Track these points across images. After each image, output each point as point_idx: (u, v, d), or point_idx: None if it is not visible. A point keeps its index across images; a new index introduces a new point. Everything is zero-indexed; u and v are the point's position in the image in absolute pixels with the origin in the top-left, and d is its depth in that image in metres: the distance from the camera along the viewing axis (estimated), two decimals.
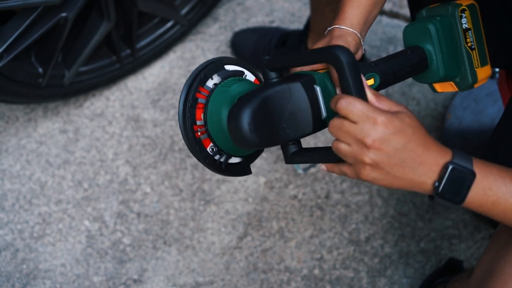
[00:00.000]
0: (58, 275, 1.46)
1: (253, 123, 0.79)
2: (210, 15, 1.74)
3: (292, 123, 0.81)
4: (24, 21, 1.31)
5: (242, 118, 0.78)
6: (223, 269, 1.46)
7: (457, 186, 0.77)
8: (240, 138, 0.80)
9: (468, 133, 1.50)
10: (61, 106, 1.63)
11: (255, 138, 0.79)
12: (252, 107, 0.79)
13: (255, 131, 0.79)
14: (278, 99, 0.81)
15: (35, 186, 1.54)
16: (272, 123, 0.80)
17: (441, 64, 0.95)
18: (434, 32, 0.94)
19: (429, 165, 0.76)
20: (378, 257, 1.47)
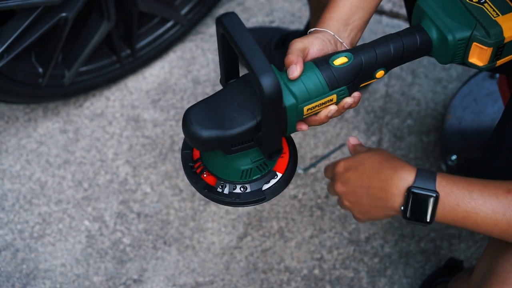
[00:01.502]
0: (58, 275, 1.46)
1: (198, 119, 0.81)
2: (210, 15, 1.74)
3: (242, 109, 0.82)
4: (24, 21, 1.31)
5: (188, 117, 0.82)
6: (223, 269, 1.46)
7: (422, 208, 0.80)
8: (190, 136, 0.82)
9: (468, 133, 1.51)
10: (61, 106, 1.63)
11: (202, 132, 0.81)
12: (196, 107, 0.83)
13: (200, 127, 0.81)
14: (226, 95, 0.84)
15: (35, 186, 1.54)
16: (222, 117, 0.82)
17: (444, 29, 0.88)
18: (424, 2, 0.90)
19: (391, 189, 0.82)
20: (378, 257, 1.47)
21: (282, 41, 1.62)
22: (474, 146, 1.49)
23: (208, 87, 1.65)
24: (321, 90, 0.85)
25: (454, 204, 0.80)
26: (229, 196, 0.90)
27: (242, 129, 0.82)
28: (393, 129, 1.61)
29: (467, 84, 1.55)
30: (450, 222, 0.81)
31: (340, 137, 1.59)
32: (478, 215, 0.80)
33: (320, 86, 0.85)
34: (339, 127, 1.60)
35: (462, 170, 1.46)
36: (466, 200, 0.80)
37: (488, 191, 0.81)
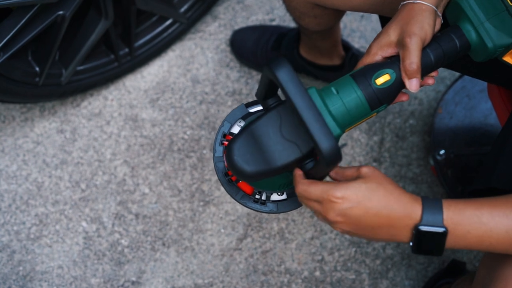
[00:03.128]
0: (55, 277, 1.46)
1: (242, 154, 0.80)
2: (210, 13, 1.74)
3: (288, 142, 0.81)
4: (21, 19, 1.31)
5: (232, 152, 0.80)
6: (223, 271, 1.46)
7: (431, 243, 0.79)
8: (235, 171, 0.81)
9: (459, 129, 1.51)
10: (58, 105, 1.63)
11: (247, 167, 0.80)
12: (240, 140, 0.81)
13: (245, 162, 0.80)
14: (268, 126, 0.81)
15: (32, 186, 1.54)
16: (266, 151, 0.80)
17: (485, 36, 0.86)
18: (465, 3, 0.87)
19: (398, 226, 0.78)
20: (380, 259, 1.47)
21: (278, 42, 1.61)
22: (463, 141, 1.49)
23: (207, 86, 1.65)
24: (363, 112, 0.84)
25: (465, 232, 0.78)
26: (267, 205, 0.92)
27: (287, 163, 0.81)
28: (395, 128, 1.60)
29: (461, 79, 1.55)
30: (463, 248, 0.80)
31: (341, 138, 1.59)
32: (491, 237, 0.78)
33: (362, 109, 0.84)
34: None
35: (449, 165, 1.46)
36: (476, 226, 0.78)
37: (498, 211, 0.78)
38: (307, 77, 1.66)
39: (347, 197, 0.77)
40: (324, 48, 1.47)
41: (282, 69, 0.76)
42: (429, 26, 0.84)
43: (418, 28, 0.83)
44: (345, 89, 0.83)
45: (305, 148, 0.80)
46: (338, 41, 1.48)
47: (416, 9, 0.84)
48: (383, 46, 0.86)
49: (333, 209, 0.78)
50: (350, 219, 0.78)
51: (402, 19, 0.85)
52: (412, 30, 0.83)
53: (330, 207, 0.78)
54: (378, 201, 0.78)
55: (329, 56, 1.51)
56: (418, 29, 0.83)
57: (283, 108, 0.81)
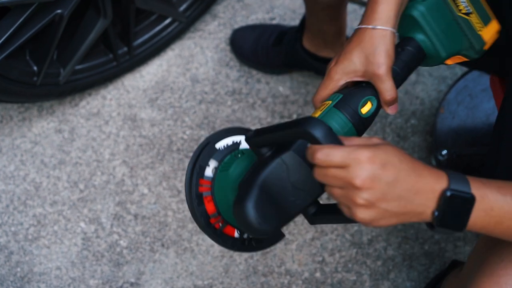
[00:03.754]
0: (53, 278, 1.46)
1: (259, 215, 0.77)
2: (209, 12, 1.74)
3: (299, 191, 0.80)
4: (19, 18, 1.31)
5: (248, 213, 0.77)
6: (222, 272, 1.46)
7: (457, 213, 0.74)
8: (254, 232, 0.78)
9: (461, 129, 1.50)
10: (57, 105, 1.62)
11: (268, 226, 0.78)
12: (253, 200, 0.77)
13: (265, 221, 0.77)
14: (276, 177, 0.79)
15: (29, 187, 1.54)
16: (279, 203, 0.79)
17: (439, 46, 0.91)
18: (420, 17, 0.90)
19: (425, 193, 0.73)
20: (381, 260, 1.47)
21: (279, 38, 1.61)
22: (466, 141, 1.49)
23: (207, 86, 1.65)
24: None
25: (488, 209, 0.75)
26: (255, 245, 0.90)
27: (299, 211, 0.81)
28: (396, 128, 1.60)
29: (463, 79, 1.54)
30: (479, 229, 0.77)
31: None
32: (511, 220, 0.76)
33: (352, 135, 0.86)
34: None
35: (452, 166, 1.46)
36: (499, 204, 0.76)
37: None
38: (308, 73, 1.65)
39: (378, 156, 0.70)
40: (330, 35, 1.46)
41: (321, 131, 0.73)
42: (392, 51, 0.86)
43: (385, 57, 0.85)
44: (335, 122, 0.84)
45: (315, 193, 0.80)
46: (343, 30, 1.48)
47: (378, 36, 0.86)
48: (348, 73, 0.87)
49: (363, 169, 0.70)
50: (380, 184, 0.70)
51: (365, 48, 0.86)
52: (381, 61, 0.85)
53: (358, 168, 0.70)
54: (407, 165, 0.72)
55: (332, 47, 1.50)
56: (385, 59, 0.85)
57: (288, 156, 0.79)
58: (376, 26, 0.86)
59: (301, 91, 1.64)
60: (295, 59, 1.58)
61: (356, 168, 0.70)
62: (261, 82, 1.65)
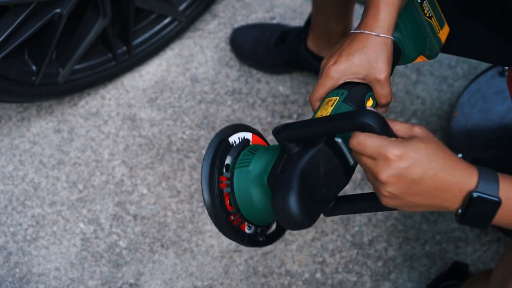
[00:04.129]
0: (52, 279, 1.46)
1: (302, 207, 0.79)
2: (209, 11, 1.74)
3: (329, 184, 0.83)
4: (17, 18, 1.30)
5: (293, 208, 0.78)
6: (222, 273, 1.46)
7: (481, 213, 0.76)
8: (296, 225, 0.79)
9: (475, 132, 1.50)
10: (55, 105, 1.62)
11: (308, 218, 0.80)
12: (295, 192, 0.79)
13: (307, 214, 0.79)
14: (311, 170, 0.81)
15: (28, 187, 1.54)
16: (314, 196, 0.81)
17: (411, 46, 0.97)
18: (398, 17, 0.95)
19: (453, 191, 0.75)
20: (382, 261, 1.47)
21: (282, 38, 1.61)
22: (480, 145, 1.48)
23: (206, 85, 1.65)
24: None
25: None
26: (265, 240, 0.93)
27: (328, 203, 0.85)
28: None
29: (476, 82, 1.54)
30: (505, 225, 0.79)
31: None
32: None
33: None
34: None
35: None
36: None
37: None
38: (308, 73, 1.65)
39: (406, 155, 0.73)
40: (335, 34, 1.46)
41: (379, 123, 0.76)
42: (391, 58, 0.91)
43: (386, 64, 0.90)
44: None
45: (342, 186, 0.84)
46: (349, 30, 1.48)
47: (381, 43, 0.90)
48: (349, 74, 0.90)
49: (389, 167, 0.73)
50: (405, 181, 0.74)
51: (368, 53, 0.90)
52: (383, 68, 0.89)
53: (385, 165, 0.73)
54: (437, 163, 0.74)
55: None
56: (386, 65, 0.90)
57: (320, 149, 0.81)
58: (379, 33, 0.89)
59: (301, 90, 1.64)
60: (297, 59, 1.58)
61: (383, 164, 0.74)
62: (261, 81, 1.65)
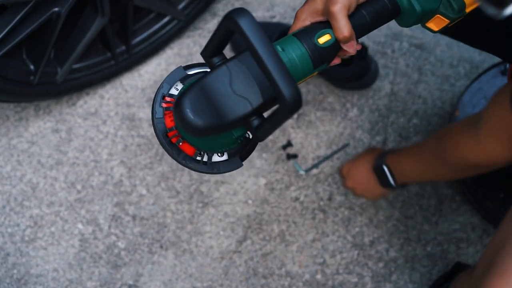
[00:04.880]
0: (50, 280, 1.46)
1: (193, 107, 0.83)
2: (209, 10, 1.74)
3: (240, 98, 0.84)
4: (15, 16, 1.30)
5: (183, 105, 0.83)
6: (222, 274, 1.46)
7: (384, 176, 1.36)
8: (186, 125, 0.84)
9: None
10: (54, 104, 1.62)
11: (201, 121, 0.83)
12: (191, 94, 0.83)
13: (199, 116, 0.82)
14: (217, 81, 0.84)
15: (26, 187, 1.54)
16: (218, 106, 0.84)
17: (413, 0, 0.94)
18: None
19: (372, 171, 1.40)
20: (383, 262, 1.47)
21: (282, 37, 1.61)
22: None
23: None
24: (307, 70, 0.89)
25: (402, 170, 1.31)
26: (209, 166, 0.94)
27: (238, 117, 0.85)
28: (398, 128, 1.60)
29: (477, 81, 1.54)
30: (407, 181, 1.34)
31: (344, 137, 1.58)
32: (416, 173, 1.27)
33: (306, 67, 0.89)
34: (343, 127, 1.60)
35: None
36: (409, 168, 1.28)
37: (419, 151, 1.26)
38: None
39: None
40: None
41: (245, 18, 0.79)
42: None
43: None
44: (290, 47, 0.88)
45: (256, 102, 0.84)
46: None
47: None
48: (312, 13, 0.91)
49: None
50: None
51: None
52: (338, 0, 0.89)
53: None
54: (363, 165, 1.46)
55: None
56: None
57: (233, 64, 0.85)
58: None
59: (302, 90, 1.64)
60: None
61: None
62: None
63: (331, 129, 1.60)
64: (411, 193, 1.53)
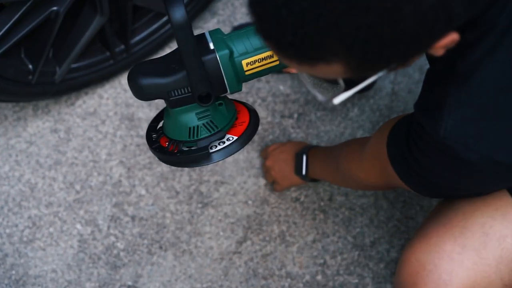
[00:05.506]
0: (49, 281, 1.46)
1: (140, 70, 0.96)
2: (208, 9, 1.74)
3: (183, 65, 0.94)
4: (13, 15, 1.30)
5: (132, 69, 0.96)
6: (222, 275, 1.46)
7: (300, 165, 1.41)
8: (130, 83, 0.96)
9: None
10: (52, 104, 1.62)
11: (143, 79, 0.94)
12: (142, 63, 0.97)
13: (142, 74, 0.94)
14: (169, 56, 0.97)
15: (24, 188, 1.54)
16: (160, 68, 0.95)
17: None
18: None
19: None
20: (384, 262, 1.47)
21: None
22: None
23: None
24: (258, 44, 0.93)
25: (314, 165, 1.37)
26: (174, 154, 1.00)
27: (176, 77, 0.93)
28: None
29: None
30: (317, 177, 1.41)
31: (344, 137, 1.59)
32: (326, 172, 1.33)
33: (257, 39, 0.93)
34: (343, 127, 1.60)
35: None
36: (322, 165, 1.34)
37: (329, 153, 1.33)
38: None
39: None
40: None
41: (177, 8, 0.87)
42: None
43: None
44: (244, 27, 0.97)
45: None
46: None
47: None
48: None
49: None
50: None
51: None
52: None
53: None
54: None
55: None
56: None
57: None
58: None
59: (302, 90, 1.64)
60: None
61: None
62: (261, 80, 1.65)
63: (331, 129, 1.60)
64: (412, 193, 1.53)
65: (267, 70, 0.96)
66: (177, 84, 0.93)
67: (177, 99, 0.95)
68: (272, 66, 0.95)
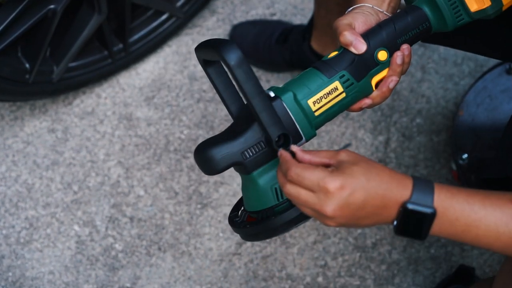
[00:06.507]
0: (46, 283, 1.46)
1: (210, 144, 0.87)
2: (208, 8, 1.74)
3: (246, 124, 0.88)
4: (10, 14, 1.31)
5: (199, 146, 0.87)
6: (221, 276, 1.46)
7: (417, 225, 0.77)
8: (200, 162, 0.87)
9: (481, 131, 1.50)
10: (49, 104, 1.62)
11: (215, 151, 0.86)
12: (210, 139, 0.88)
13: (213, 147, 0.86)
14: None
15: (21, 188, 1.54)
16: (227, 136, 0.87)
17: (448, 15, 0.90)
18: None
19: (391, 207, 0.77)
20: (386, 264, 1.47)
21: (284, 36, 1.61)
22: (486, 144, 1.48)
23: (205, 84, 1.65)
24: (318, 80, 0.89)
25: (453, 219, 0.78)
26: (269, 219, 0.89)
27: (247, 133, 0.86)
28: (401, 128, 1.60)
29: (482, 80, 1.54)
30: (447, 236, 0.80)
31: (345, 137, 1.59)
32: (479, 228, 0.78)
33: (315, 77, 0.89)
34: (344, 126, 1.60)
35: (473, 170, 1.46)
36: (466, 213, 0.78)
37: (490, 202, 0.79)
38: None
39: (346, 184, 0.75)
40: None
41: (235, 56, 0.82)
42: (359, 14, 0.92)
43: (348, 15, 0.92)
44: None
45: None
46: None
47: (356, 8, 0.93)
48: None
49: (333, 199, 0.75)
50: (350, 208, 0.75)
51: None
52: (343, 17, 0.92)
53: (328, 198, 0.75)
54: (374, 180, 0.76)
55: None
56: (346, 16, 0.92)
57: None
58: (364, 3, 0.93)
59: None
60: (300, 59, 1.57)
61: (325, 198, 0.75)
62: (261, 80, 1.65)
63: (332, 129, 1.60)
64: None
65: (336, 106, 0.90)
66: (249, 139, 0.86)
67: (253, 159, 0.86)
68: (339, 100, 0.89)
